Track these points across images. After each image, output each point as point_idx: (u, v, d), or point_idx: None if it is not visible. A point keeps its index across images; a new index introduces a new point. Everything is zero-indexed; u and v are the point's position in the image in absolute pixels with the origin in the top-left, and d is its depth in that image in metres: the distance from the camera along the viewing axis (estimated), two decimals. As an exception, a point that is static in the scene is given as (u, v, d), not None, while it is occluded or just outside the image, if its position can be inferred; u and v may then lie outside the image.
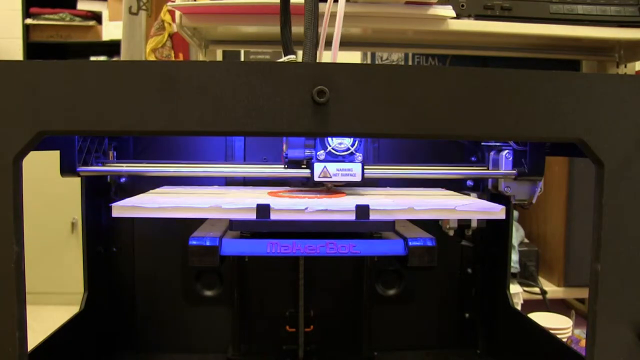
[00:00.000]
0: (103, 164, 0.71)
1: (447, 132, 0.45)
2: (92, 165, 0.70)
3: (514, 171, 0.73)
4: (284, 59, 0.61)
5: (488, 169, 0.76)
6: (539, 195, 0.74)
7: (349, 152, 0.66)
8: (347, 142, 0.66)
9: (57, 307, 1.36)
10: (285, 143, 0.69)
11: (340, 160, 0.67)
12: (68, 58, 2.17)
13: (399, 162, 0.84)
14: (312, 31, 0.55)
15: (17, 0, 2.18)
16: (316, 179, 0.66)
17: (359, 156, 0.67)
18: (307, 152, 0.68)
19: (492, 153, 0.76)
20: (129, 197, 0.64)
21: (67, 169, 0.67)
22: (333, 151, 0.66)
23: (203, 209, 0.57)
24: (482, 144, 0.79)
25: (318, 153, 0.66)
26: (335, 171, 0.66)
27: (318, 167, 0.66)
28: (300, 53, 0.57)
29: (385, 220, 0.59)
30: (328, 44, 0.58)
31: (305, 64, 0.44)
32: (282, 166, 0.71)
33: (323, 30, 0.58)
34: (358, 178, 0.66)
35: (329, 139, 0.66)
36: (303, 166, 0.70)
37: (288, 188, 0.77)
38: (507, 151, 0.73)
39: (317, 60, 0.57)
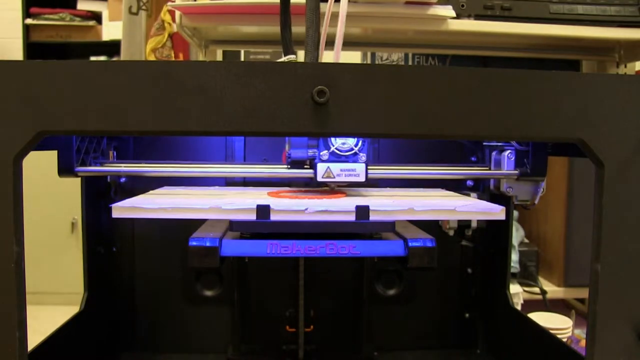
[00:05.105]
0: (102, 164, 0.71)
1: (447, 132, 0.45)
2: (90, 165, 0.69)
3: (516, 171, 0.72)
4: (284, 58, 0.61)
5: (490, 169, 0.76)
6: (541, 195, 0.73)
7: (353, 152, 0.66)
8: (350, 142, 0.66)
9: (57, 307, 1.35)
10: (287, 143, 0.69)
11: (343, 160, 0.66)
12: (68, 58, 2.16)
13: (399, 162, 0.83)
14: (314, 31, 0.55)
15: (17, 0, 2.18)
16: (319, 179, 0.65)
17: (362, 156, 0.66)
18: (311, 152, 0.67)
19: (494, 153, 0.75)
20: (129, 197, 0.64)
21: (65, 169, 0.66)
22: (336, 151, 0.66)
23: (203, 210, 0.57)
24: (484, 144, 0.79)
25: (321, 153, 0.66)
26: (338, 171, 0.65)
27: (321, 167, 0.65)
28: (300, 53, 0.57)
29: (385, 221, 0.59)
30: (329, 44, 0.58)
31: (305, 64, 0.44)
32: (285, 166, 0.71)
33: (324, 31, 0.58)
34: (362, 178, 0.66)
35: (332, 139, 0.65)
36: (306, 166, 0.69)
37: (288, 188, 0.76)
38: (509, 151, 0.72)
39: (319, 61, 0.57)
